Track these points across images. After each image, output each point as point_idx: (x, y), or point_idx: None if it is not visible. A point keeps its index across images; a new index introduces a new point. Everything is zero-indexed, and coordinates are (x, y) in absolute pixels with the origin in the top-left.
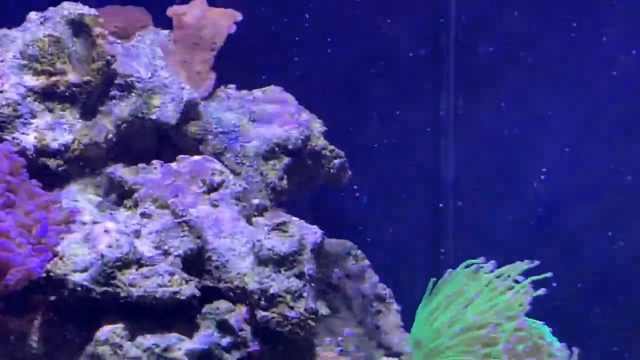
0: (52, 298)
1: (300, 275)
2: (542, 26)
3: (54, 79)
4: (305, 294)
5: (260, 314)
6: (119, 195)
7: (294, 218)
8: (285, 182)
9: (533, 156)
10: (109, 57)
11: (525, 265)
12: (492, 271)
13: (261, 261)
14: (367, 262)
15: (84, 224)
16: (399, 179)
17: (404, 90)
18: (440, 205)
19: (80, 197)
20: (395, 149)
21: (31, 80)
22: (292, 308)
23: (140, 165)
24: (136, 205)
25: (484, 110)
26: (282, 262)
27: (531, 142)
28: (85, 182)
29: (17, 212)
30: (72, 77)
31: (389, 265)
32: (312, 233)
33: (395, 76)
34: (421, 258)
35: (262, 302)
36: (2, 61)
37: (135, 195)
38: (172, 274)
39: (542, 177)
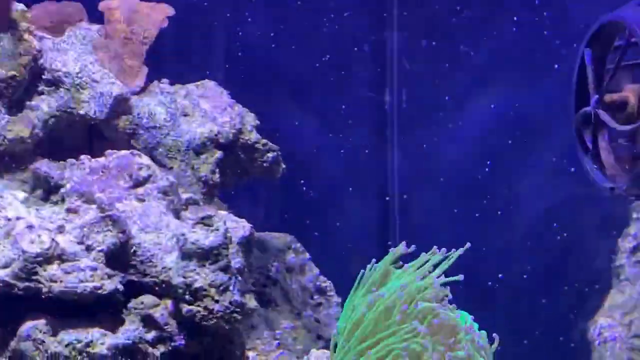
0: None
1: (225, 269)
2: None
3: None
4: (231, 287)
5: (185, 307)
6: (46, 190)
7: (221, 212)
8: (217, 176)
9: (479, 149)
10: (35, 52)
11: (440, 255)
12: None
13: (185, 255)
14: (307, 255)
15: (9, 219)
16: (346, 173)
17: (348, 86)
18: (387, 198)
19: (6, 193)
20: (341, 143)
21: None
22: (217, 301)
23: (69, 160)
24: (63, 200)
25: (429, 104)
26: (206, 255)
27: (477, 135)
28: (12, 178)
29: None
30: None
31: (337, 259)
32: (240, 227)
33: (339, 71)
34: (368, 251)
35: (187, 296)
36: None
37: (62, 190)
38: (94, 269)
39: (487, 169)
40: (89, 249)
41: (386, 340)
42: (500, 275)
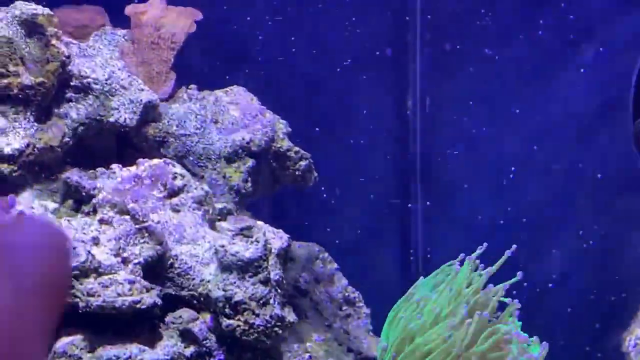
0: None
1: (265, 281)
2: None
3: (6, 81)
4: (271, 301)
5: (225, 322)
6: (77, 201)
7: (259, 222)
8: (249, 184)
9: (503, 155)
10: (64, 58)
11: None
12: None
13: (225, 267)
14: (335, 265)
15: None
16: (366, 179)
17: (369, 90)
18: (409, 205)
19: (37, 203)
20: (362, 148)
21: None
22: (257, 315)
23: (99, 169)
24: (95, 211)
25: (451, 109)
26: (246, 268)
27: (501, 140)
28: (41, 188)
29: None
30: (25, 79)
31: (357, 268)
32: (278, 238)
33: (359, 74)
34: (390, 259)
35: (227, 310)
36: None
37: (94, 201)
38: (132, 282)
39: (511, 175)
40: (125, 261)
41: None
42: (525, 284)
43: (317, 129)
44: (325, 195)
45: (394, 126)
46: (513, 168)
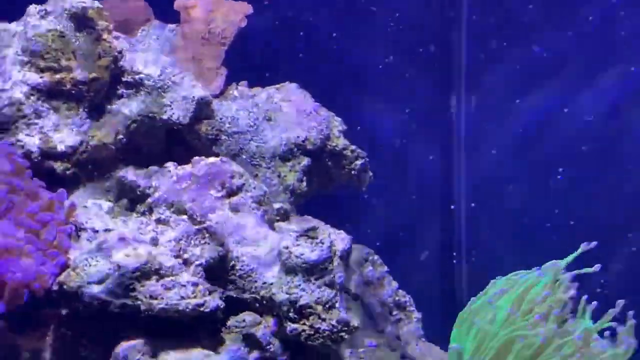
0: (64, 312)
1: (331, 285)
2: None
3: (58, 76)
4: (337, 304)
5: (290, 326)
6: (131, 200)
7: (322, 223)
8: (304, 184)
9: (551, 155)
10: (116, 53)
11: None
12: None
13: (289, 270)
14: (385, 268)
15: (96, 231)
16: (410, 180)
17: (413, 88)
18: (452, 207)
19: (90, 202)
20: (404, 147)
21: (35, 78)
22: (323, 320)
23: (153, 168)
24: (150, 210)
25: (497, 107)
26: (311, 270)
27: (549, 140)
28: (95, 186)
29: (22, 216)
30: (78, 74)
31: (401, 270)
32: (340, 239)
33: (405, 73)
34: (434, 263)
35: (291, 314)
36: (2, 58)
37: (149, 200)
38: (195, 284)
39: (559, 176)
40: (187, 263)
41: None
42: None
43: (358, 127)
44: (366, 196)
45: (438, 124)
46: (561, 169)
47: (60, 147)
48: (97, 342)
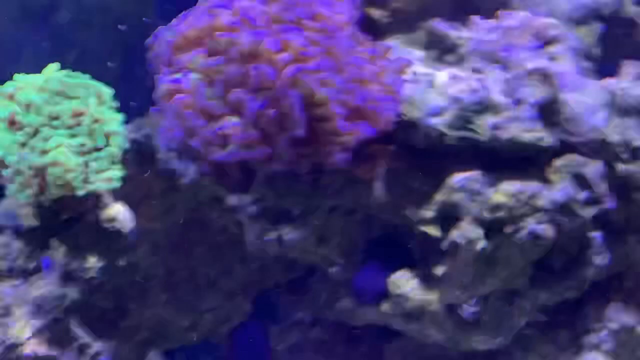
0: (393, 147)
1: None
2: None
3: None
4: None
5: (621, 167)
6: (440, 50)
7: None
8: (599, 50)
9: None
10: None
11: None
12: None
13: (621, 111)
14: None
15: (416, 74)
16: None
17: None
18: None
19: (404, 50)
20: None
21: None
22: None
23: (453, 23)
24: (461, 60)
25: None
26: None
27: None
28: (403, 36)
29: (364, 57)
30: None
31: None
32: None
33: None
34: None
35: (624, 155)
36: None
37: (461, 50)
38: (533, 119)
39: None
40: (519, 102)
41: None
42: None
43: None
44: None
45: None
46: None
47: None
48: (429, 174)
